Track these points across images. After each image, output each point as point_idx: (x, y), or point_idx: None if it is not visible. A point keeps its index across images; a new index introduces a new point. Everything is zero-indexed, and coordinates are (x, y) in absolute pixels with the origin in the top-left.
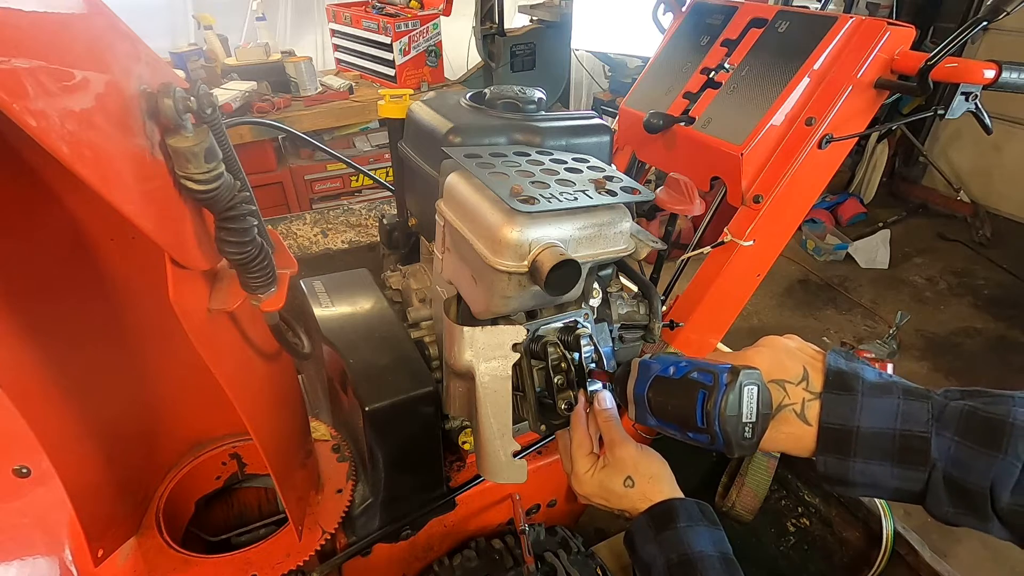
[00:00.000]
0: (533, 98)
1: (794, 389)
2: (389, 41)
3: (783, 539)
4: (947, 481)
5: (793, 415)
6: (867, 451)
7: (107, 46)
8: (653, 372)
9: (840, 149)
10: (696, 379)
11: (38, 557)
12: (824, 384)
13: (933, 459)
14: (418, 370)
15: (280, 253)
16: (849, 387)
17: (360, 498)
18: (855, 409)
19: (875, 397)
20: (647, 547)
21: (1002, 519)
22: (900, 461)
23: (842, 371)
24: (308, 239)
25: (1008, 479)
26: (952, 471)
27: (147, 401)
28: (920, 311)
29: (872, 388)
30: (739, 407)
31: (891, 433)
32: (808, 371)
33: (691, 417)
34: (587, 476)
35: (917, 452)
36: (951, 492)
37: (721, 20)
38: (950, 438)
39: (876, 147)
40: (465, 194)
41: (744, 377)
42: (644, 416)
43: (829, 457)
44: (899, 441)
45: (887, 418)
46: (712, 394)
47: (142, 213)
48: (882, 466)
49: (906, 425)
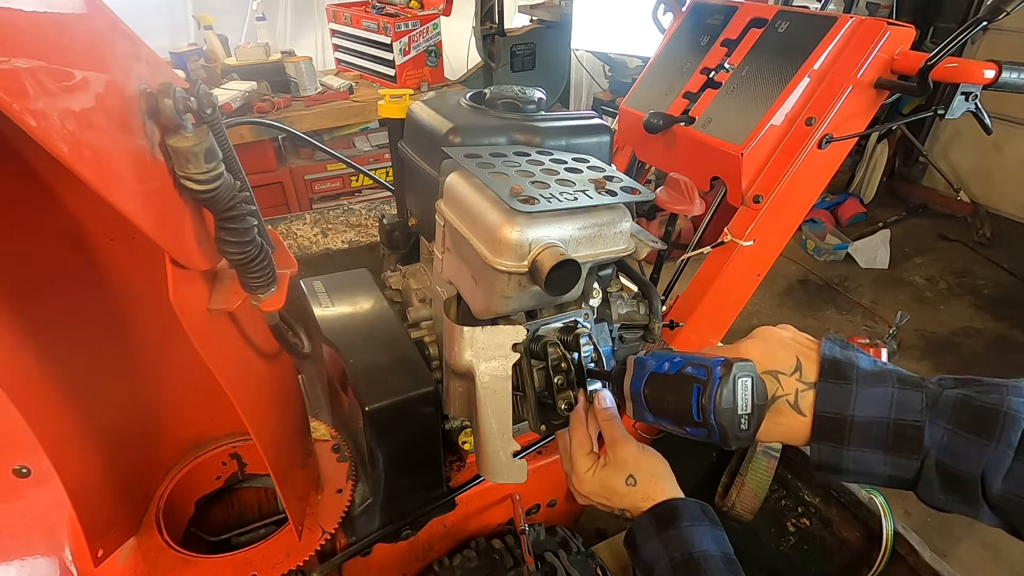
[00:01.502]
0: (533, 98)
1: (787, 379)
2: (389, 41)
3: (783, 539)
4: (939, 469)
5: (787, 405)
6: (861, 439)
7: (107, 46)
8: (648, 369)
9: (840, 149)
10: (690, 374)
11: (38, 557)
12: (819, 373)
13: (926, 447)
14: (418, 370)
15: (280, 253)
16: (844, 376)
17: (360, 498)
18: (849, 398)
19: (869, 386)
20: (649, 545)
21: (992, 506)
22: (893, 449)
23: (837, 360)
24: (308, 239)
25: (1000, 467)
26: (944, 459)
27: (147, 401)
28: (920, 311)
29: (867, 376)
30: (734, 400)
31: (885, 422)
32: (801, 361)
33: (687, 412)
34: (588, 475)
35: (910, 440)
36: (943, 480)
37: (721, 20)
38: (943, 427)
39: (876, 147)
40: (465, 194)
41: (737, 370)
42: (642, 413)
43: (824, 445)
44: (893, 430)
45: (881, 407)
46: (706, 388)
47: (142, 213)
48: (875, 454)
49: (900, 414)
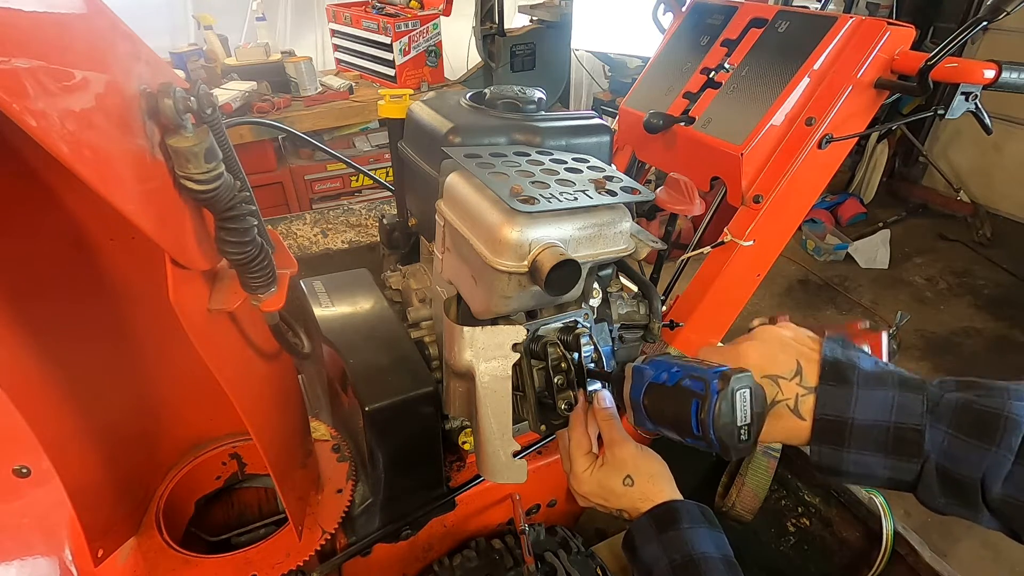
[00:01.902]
0: (533, 98)
1: (787, 384)
2: (389, 41)
3: (783, 539)
4: (939, 473)
5: (787, 410)
6: (861, 442)
7: (107, 46)
8: (647, 378)
9: (840, 149)
10: (688, 387)
11: (38, 557)
12: (820, 376)
13: (926, 451)
14: (418, 370)
15: (280, 253)
16: (844, 378)
17: (360, 498)
18: (850, 401)
19: (870, 389)
20: (648, 548)
21: (992, 510)
22: (893, 453)
23: (838, 362)
24: (308, 239)
25: (1000, 471)
26: (944, 463)
27: (147, 401)
28: (920, 311)
29: (868, 379)
30: (732, 413)
31: (885, 425)
32: (802, 364)
33: (686, 425)
34: (586, 475)
35: (910, 444)
36: (943, 483)
37: (721, 20)
38: (944, 431)
39: (876, 147)
40: (465, 194)
41: (735, 383)
42: (642, 421)
43: (824, 448)
44: (893, 433)
45: (881, 410)
46: (704, 403)
47: (142, 213)
48: (875, 457)
49: (900, 418)
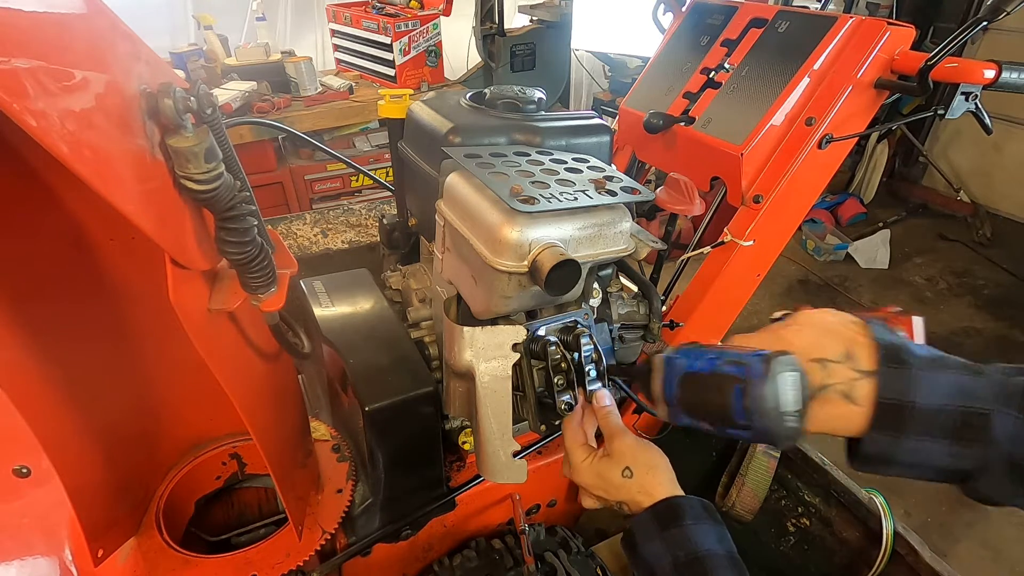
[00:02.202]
0: (533, 98)
1: (837, 368)
2: (389, 41)
3: (783, 539)
4: (1011, 461)
5: (837, 395)
6: (923, 428)
7: (107, 46)
8: (680, 368)
9: (840, 149)
10: (729, 373)
11: (38, 557)
12: (878, 359)
13: (994, 437)
14: (418, 370)
15: (280, 253)
16: (903, 361)
17: (360, 498)
18: (912, 384)
19: (933, 371)
20: (650, 545)
21: None
22: (958, 439)
23: (894, 344)
24: (308, 239)
25: None
26: (1016, 450)
27: (147, 401)
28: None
29: (926, 362)
30: (778, 397)
31: (951, 409)
32: (852, 349)
33: (728, 414)
34: (584, 464)
35: (977, 429)
36: (1012, 471)
37: (721, 20)
38: (1014, 416)
39: (876, 147)
40: (465, 194)
41: (780, 365)
42: (677, 415)
43: (880, 435)
44: (959, 418)
45: (947, 394)
46: (748, 388)
47: (142, 213)
48: (937, 443)
49: (965, 401)
